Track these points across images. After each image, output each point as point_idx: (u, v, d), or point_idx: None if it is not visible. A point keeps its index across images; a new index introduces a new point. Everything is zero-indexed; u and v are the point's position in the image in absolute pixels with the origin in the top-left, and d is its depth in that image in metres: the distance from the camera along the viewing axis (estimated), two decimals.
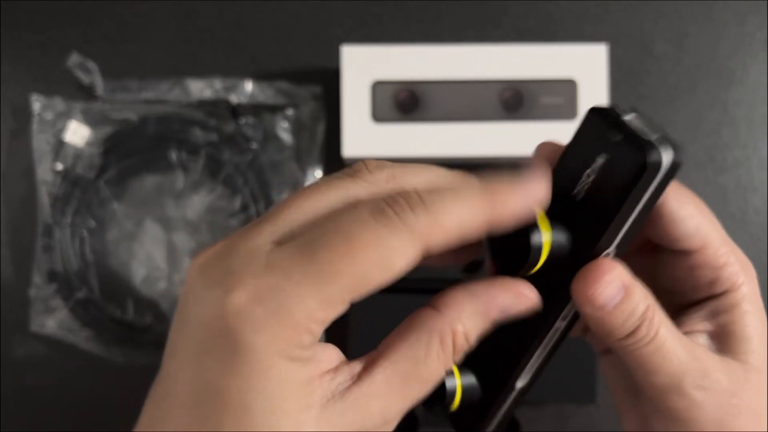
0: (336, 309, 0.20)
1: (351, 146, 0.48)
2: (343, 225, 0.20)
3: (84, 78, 0.53)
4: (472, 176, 0.23)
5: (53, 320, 0.52)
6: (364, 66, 0.48)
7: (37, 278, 0.52)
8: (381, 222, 0.20)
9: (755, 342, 0.25)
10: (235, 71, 0.54)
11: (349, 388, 0.21)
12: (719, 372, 0.24)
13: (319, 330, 0.20)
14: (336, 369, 0.21)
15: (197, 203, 0.53)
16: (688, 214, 0.24)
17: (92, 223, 0.52)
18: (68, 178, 0.52)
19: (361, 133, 0.48)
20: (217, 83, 0.53)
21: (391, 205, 0.20)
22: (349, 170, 0.22)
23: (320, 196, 0.21)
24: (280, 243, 0.20)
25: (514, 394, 0.25)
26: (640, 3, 0.54)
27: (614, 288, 0.23)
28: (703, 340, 0.25)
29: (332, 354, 0.21)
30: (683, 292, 0.26)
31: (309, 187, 0.22)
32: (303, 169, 0.53)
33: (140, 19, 0.54)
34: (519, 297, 0.23)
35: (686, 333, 0.25)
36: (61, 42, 0.54)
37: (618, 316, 0.23)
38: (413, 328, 0.22)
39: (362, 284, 0.20)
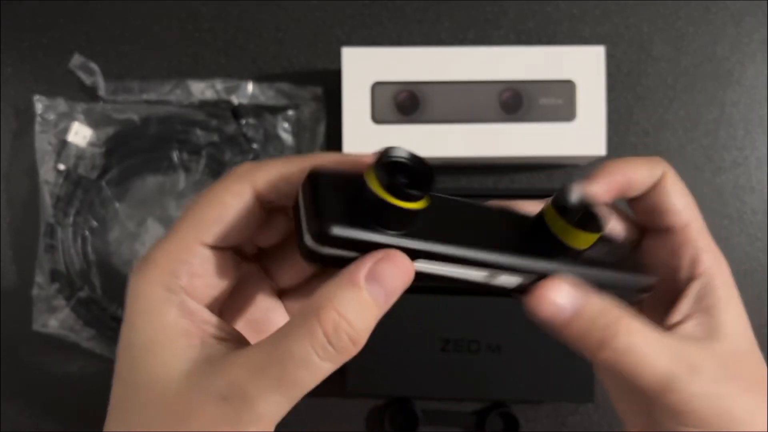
0: (190, 249, 0.24)
1: (351, 147, 0.48)
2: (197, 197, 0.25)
3: (86, 79, 0.53)
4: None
5: (55, 319, 0.52)
6: (364, 67, 0.48)
7: (40, 278, 0.52)
8: (218, 180, 0.25)
9: (731, 323, 0.27)
10: (236, 72, 0.54)
11: (224, 357, 0.23)
12: (706, 361, 0.25)
13: (184, 270, 0.24)
14: (226, 338, 0.24)
15: None
16: (679, 192, 0.28)
17: (94, 223, 0.53)
18: (70, 178, 0.52)
19: (361, 134, 0.48)
20: (219, 84, 0.53)
21: (231, 171, 0.25)
22: None
23: None
24: None
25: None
26: (638, 4, 0.54)
27: (561, 302, 0.25)
28: (691, 325, 0.27)
29: (228, 328, 0.25)
30: (668, 276, 0.28)
31: None
32: None
33: (142, 21, 0.54)
34: (393, 263, 0.23)
35: (677, 322, 0.27)
36: (63, 43, 0.54)
37: (575, 329, 0.25)
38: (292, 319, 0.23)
39: (202, 220, 0.24)
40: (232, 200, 0.24)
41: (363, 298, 0.22)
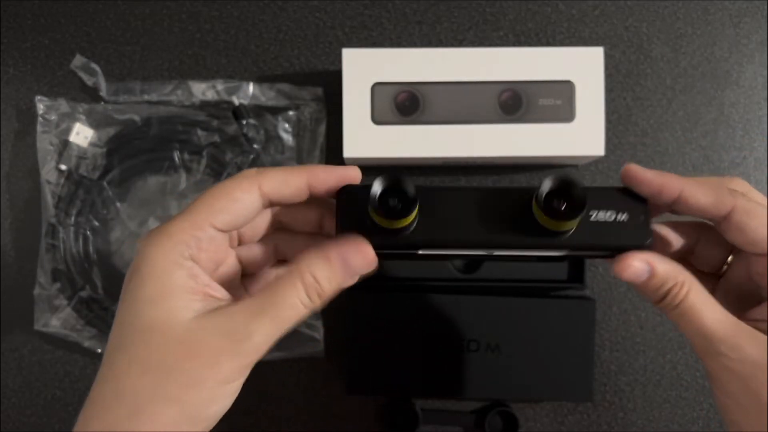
0: (202, 228, 0.29)
1: (351, 147, 0.48)
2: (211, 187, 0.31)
3: (87, 79, 0.54)
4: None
5: (57, 319, 0.52)
6: (364, 68, 0.48)
7: (41, 277, 0.52)
8: (229, 178, 0.31)
9: None
10: (237, 73, 0.54)
11: (223, 306, 0.29)
12: (753, 347, 0.28)
13: (194, 243, 0.29)
14: (221, 298, 0.30)
15: None
16: (756, 225, 0.30)
17: (96, 223, 0.53)
18: (72, 178, 0.52)
19: (361, 135, 0.48)
20: (219, 85, 0.53)
21: (240, 173, 0.31)
22: None
23: None
24: None
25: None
26: (637, 5, 0.54)
27: (638, 269, 0.30)
28: (764, 326, 0.30)
29: (223, 291, 0.30)
30: (762, 287, 0.31)
31: None
32: None
33: (143, 21, 0.55)
34: (359, 251, 0.30)
35: (756, 319, 0.30)
36: (64, 44, 0.54)
37: (648, 288, 0.30)
38: (278, 277, 0.30)
39: (215, 209, 0.30)
40: (241, 195, 0.30)
41: (331, 269, 0.30)
